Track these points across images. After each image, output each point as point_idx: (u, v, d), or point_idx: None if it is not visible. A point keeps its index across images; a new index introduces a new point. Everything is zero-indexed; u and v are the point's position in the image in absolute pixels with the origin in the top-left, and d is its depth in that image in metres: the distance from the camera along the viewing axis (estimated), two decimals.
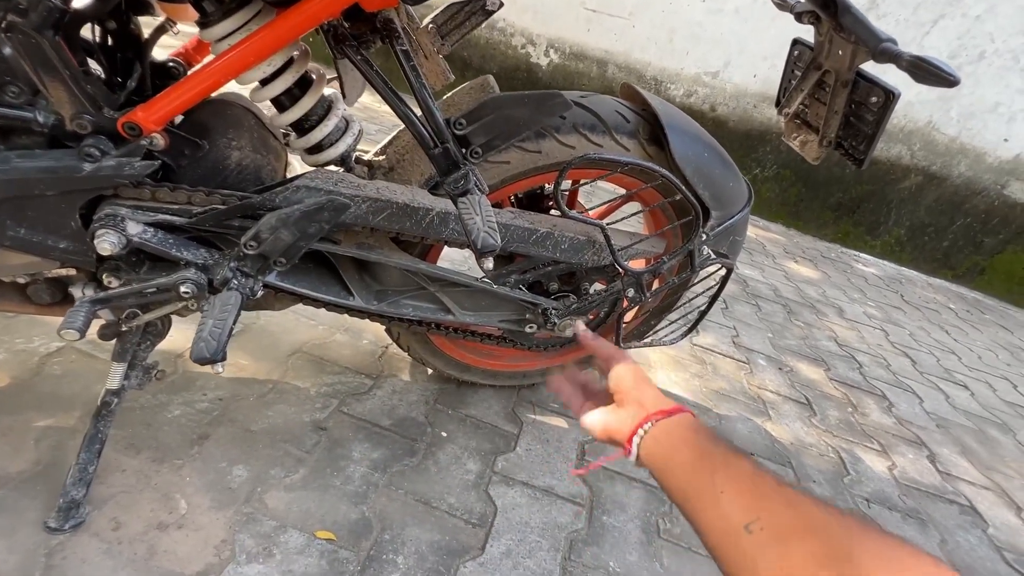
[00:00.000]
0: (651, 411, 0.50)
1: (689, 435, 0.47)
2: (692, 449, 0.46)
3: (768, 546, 0.35)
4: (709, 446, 0.45)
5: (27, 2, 0.46)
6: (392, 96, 0.58)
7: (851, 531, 0.34)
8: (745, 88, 3.12)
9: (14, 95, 0.51)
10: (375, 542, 0.78)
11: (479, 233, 0.53)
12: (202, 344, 0.54)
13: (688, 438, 0.47)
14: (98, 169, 0.55)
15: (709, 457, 0.44)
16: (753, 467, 0.42)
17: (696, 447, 0.46)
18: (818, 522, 0.35)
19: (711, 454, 0.44)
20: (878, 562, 0.31)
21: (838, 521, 0.35)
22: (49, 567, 0.64)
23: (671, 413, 0.50)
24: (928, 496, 1.25)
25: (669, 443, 0.48)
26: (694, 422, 0.49)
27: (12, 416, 0.80)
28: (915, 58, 0.61)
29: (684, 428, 0.48)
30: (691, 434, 0.47)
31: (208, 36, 0.58)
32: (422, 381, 1.13)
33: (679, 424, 0.49)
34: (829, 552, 0.33)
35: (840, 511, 0.36)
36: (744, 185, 0.91)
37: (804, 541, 0.34)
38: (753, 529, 0.36)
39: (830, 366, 1.73)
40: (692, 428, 0.48)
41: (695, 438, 0.47)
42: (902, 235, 3.23)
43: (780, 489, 0.39)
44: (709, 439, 0.46)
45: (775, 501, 0.37)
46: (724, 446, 0.45)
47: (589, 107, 0.77)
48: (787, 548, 0.34)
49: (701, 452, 0.45)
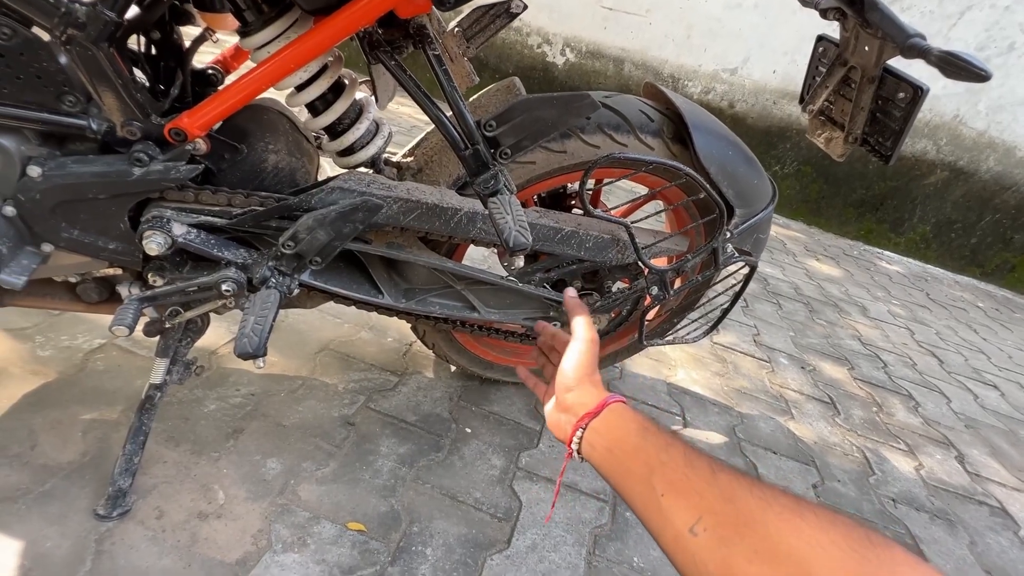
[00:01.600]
0: (579, 415, 0.50)
1: (620, 432, 0.47)
2: (625, 448, 0.45)
3: (713, 548, 0.36)
4: (640, 441, 0.45)
5: (85, 16, 0.49)
6: (425, 99, 0.59)
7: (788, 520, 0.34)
8: (764, 84, 3.09)
9: (71, 104, 0.54)
10: (404, 534, 0.80)
11: (511, 232, 0.55)
12: (245, 340, 0.56)
13: (620, 436, 0.47)
14: (147, 173, 0.58)
15: (643, 455, 0.43)
16: (685, 458, 0.41)
17: (628, 445, 0.45)
18: (755, 514, 0.35)
19: (643, 451, 0.44)
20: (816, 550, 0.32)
21: (775, 511, 0.35)
22: (99, 552, 0.67)
23: (597, 412, 0.49)
24: (957, 497, 1.23)
25: (604, 445, 0.47)
26: (623, 413, 0.49)
27: (60, 410, 0.84)
28: (945, 53, 0.61)
29: (614, 426, 0.48)
30: (622, 431, 0.47)
31: (248, 44, 0.61)
32: (446, 378, 1.15)
33: (607, 422, 0.48)
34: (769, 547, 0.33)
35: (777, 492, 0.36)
36: (768, 183, 0.91)
37: (744, 538, 0.34)
38: (697, 531, 0.36)
39: (854, 365, 1.71)
40: (622, 423, 0.48)
41: (626, 436, 0.46)
42: (928, 232, 3.16)
43: (715, 480, 0.38)
44: (639, 432, 0.46)
45: (712, 497, 0.38)
46: (655, 437, 0.45)
47: (614, 107, 0.78)
48: (730, 548, 0.35)
49: (634, 450, 0.44)
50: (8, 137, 0.55)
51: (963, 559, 1.07)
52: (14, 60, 0.50)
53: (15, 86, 0.52)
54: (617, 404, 0.50)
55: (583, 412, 0.50)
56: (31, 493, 0.71)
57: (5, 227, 0.58)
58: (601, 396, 0.51)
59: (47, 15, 0.48)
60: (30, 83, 0.52)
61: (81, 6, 0.48)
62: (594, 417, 0.49)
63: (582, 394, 0.52)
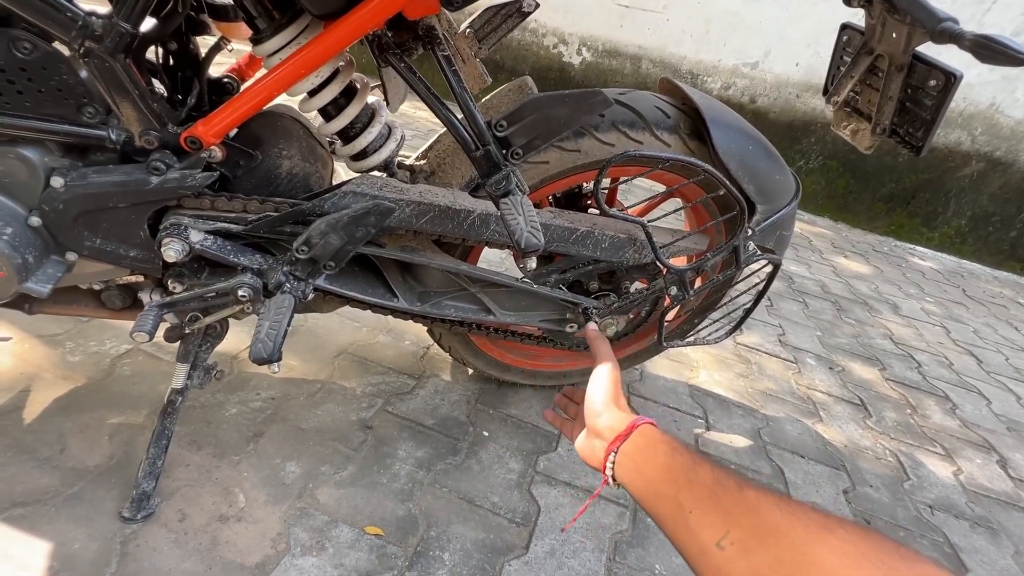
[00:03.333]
0: (609, 440, 0.51)
1: (649, 453, 0.48)
2: (654, 469, 0.47)
3: (738, 560, 0.36)
4: (669, 461, 0.46)
5: (102, 28, 0.50)
6: (435, 101, 0.59)
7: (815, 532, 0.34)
8: (787, 78, 3.01)
9: (91, 115, 0.56)
10: (422, 539, 0.80)
11: (522, 233, 0.54)
12: (259, 345, 0.57)
13: (649, 457, 0.48)
14: (164, 182, 0.59)
15: (671, 475, 0.45)
16: (713, 476, 0.42)
17: (657, 466, 0.47)
18: (781, 526, 0.35)
19: (672, 471, 0.45)
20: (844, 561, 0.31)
21: (802, 523, 0.35)
22: (124, 554, 0.69)
23: (627, 434, 0.50)
24: (999, 504, 1.17)
25: (634, 467, 0.49)
26: (652, 435, 0.50)
27: (88, 414, 0.86)
28: (979, 37, 0.58)
29: (643, 447, 0.49)
30: (651, 452, 0.48)
31: (260, 52, 0.61)
32: (463, 381, 1.14)
33: (637, 444, 0.50)
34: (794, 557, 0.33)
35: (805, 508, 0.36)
36: (791, 177, 0.88)
37: (769, 549, 0.35)
38: (723, 545, 0.37)
39: (885, 365, 1.64)
40: (651, 444, 0.49)
41: (655, 456, 0.47)
42: (963, 226, 3.03)
43: (742, 496, 0.39)
44: (668, 453, 0.47)
45: (738, 512, 0.38)
46: (683, 457, 0.46)
47: (628, 104, 0.76)
48: (756, 559, 0.35)
49: (664, 471, 0.46)
50: (32, 149, 0.56)
51: (1007, 570, 1.01)
52: (36, 74, 0.52)
53: (37, 99, 0.53)
54: (646, 426, 0.51)
55: (613, 436, 0.51)
56: (60, 495, 0.73)
57: (31, 237, 0.59)
58: (629, 419, 0.52)
59: (65, 28, 0.49)
60: (51, 96, 0.53)
61: (97, 19, 0.49)
62: (624, 440, 0.50)
63: (611, 418, 0.53)
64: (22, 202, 0.58)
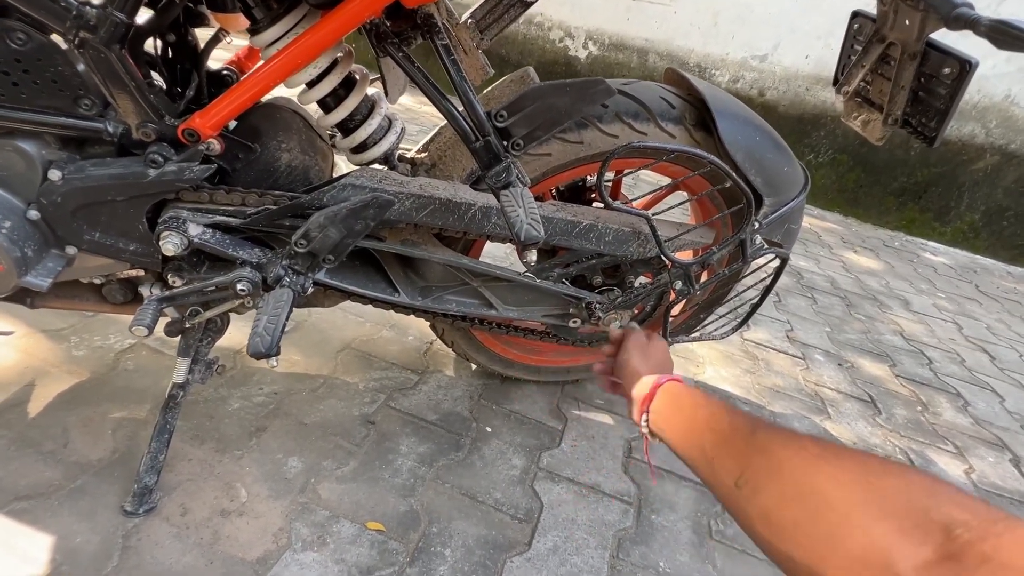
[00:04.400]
0: (639, 403, 0.58)
1: (673, 409, 0.54)
2: (680, 422, 0.52)
3: (751, 497, 0.40)
4: (692, 414, 0.51)
5: (96, 19, 0.49)
6: (433, 91, 0.58)
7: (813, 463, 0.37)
8: (796, 70, 2.97)
9: (87, 107, 0.55)
10: (423, 534, 0.79)
11: (522, 225, 0.53)
12: (257, 339, 0.56)
13: (673, 413, 0.54)
14: (161, 174, 0.58)
15: (695, 427, 0.49)
16: (730, 422, 0.46)
17: (683, 420, 0.52)
18: (784, 462, 0.39)
19: (696, 422, 0.50)
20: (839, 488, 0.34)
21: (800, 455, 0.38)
22: (126, 548, 0.69)
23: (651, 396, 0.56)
24: (1013, 503, 1.15)
25: (663, 425, 0.55)
26: (676, 391, 0.55)
27: (91, 408, 0.86)
28: (995, 22, 0.56)
29: (668, 404, 0.55)
30: (674, 408, 0.54)
31: (258, 42, 0.61)
32: (466, 377, 1.13)
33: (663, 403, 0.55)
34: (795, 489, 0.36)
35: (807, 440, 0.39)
36: (799, 170, 0.86)
37: (775, 484, 0.38)
38: (740, 484, 0.41)
39: (896, 362, 1.62)
40: (674, 401, 0.55)
41: (679, 411, 0.53)
42: (976, 221, 2.98)
43: (754, 437, 0.42)
44: (691, 407, 0.52)
45: (750, 452, 0.42)
46: (704, 409, 0.50)
47: (632, 94, 0.75)
48: (764, 495, 0.38)
49: (689, 423, 0.51)
50: (29, 142, 0.56)
51: None
52: (31, 65, 0.51)
53: (33, 91, 0.53)
54: (670, 384, 0.57)
55: (641, 399, 0.58)
56: (63, 489, 0.74)
57: (30, 231, 0.59)
58: (652, 380, 0.58)
59: (59, 19, 0.49)
60: (47, 88, 0.53)
61: (92, 8, 0.49)
62: (650, 402, 0.56)
63: (640, 385, 0.60)
64: (20, 196, 0.58)
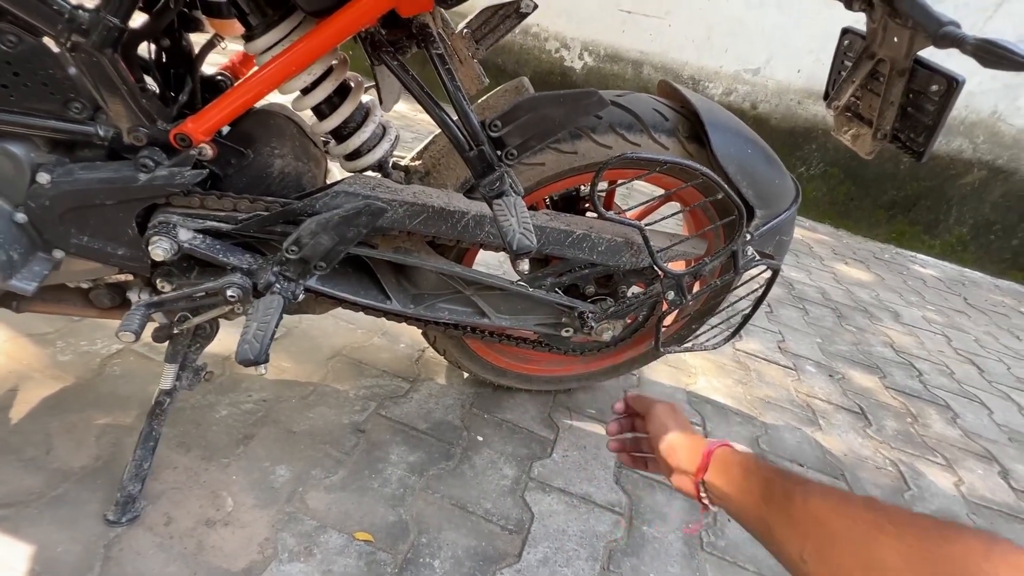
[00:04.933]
0: (692, 471, 0.56)
1: (726, 478, 0.52)
2: (736, 492, 0.51)
3: (818, 570, 0.40)
4: (745, 484, 0.50)
5: (89, 22, 0.49)
6: (427, 100, 0.58)
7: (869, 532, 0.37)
8: (788, 84, 3.01)
9: (77, 111, 0.55)
10: (412, 545, 0.78)
11: (514, 235, 0.53)
12: (246, 346, 0.55)
13: (728, 482, 0.52)
14: (152, 179, 0.58)
15: (751, 497, 0.49)
16: (784, 490, 0.46)
17: (738, 489, 0.51)
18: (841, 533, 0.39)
19: (751, 492, 0.49)
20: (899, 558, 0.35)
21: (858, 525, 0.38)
22: (107, 558, 0.67)
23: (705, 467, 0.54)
24: (1002, 516, 1.16)
25: (720, 495, 0.53)
26: (727, 459, 0.54)
27: (76, 413, 0.85)
28: (982, 41, 0.57)
29: (721, 473, 0.53)
30: (727, 477, 0.52)
31: (253, 49, 0.61)
32: (458, 385, 1.13)
33: (716, 472, 0.54)
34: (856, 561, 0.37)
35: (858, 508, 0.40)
36: (790, 182, 0.87)
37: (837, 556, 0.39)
38: (805, 558, 0.41)
39: (886, 373, 1.63)
40: (727, 469, 0.53)
41: (733, 480, 0.52)
42: (964, 234, 3.02)
43: (807, 507, 0.43)
44: (743, 475, 0.51)
45: (807, 523, 0.42)
46: (756, 476, 0.50)
47: (626, 106, 0.75)
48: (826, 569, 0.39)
49: (744, 493, 0.50)
50: (18, 144, 0.55)
51: None
52: (21, 67, 0.51)
53: (22, 93, 0.52)
54: (720, 450, 0.55)
55: (694, 469, 0.55)
56: (44, 497, 0.72)
57: (17, 234, 0.58)
58: (703, 448, 0.56)
59: (51, 22, 0.48)
60: (37, 90, 0.52)
61: (85, 12, 0.49)
62: (704, 472, 0.55)
63: (686, 454, 0.57)
64: (7, 198, 0.57)
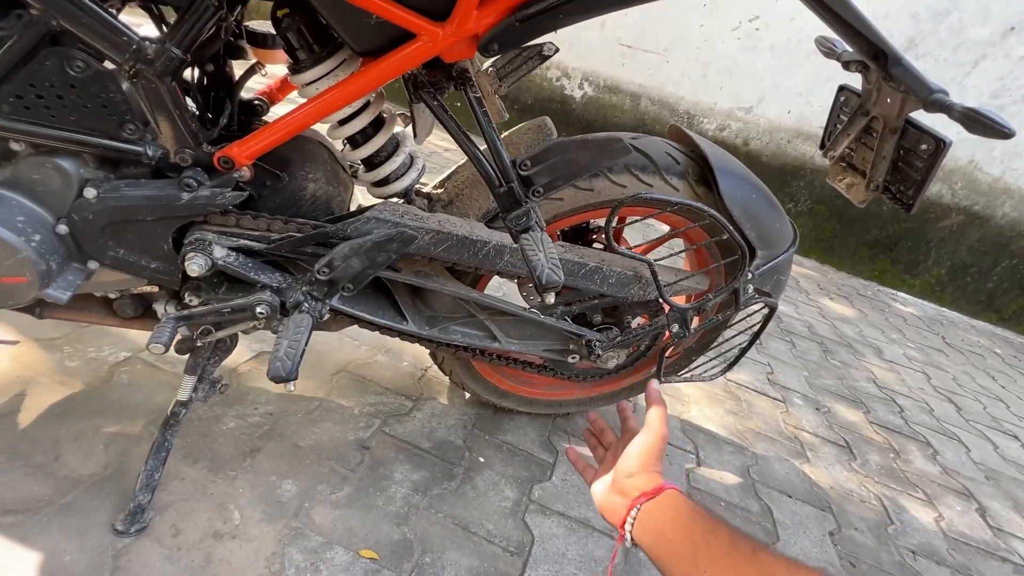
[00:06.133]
0: (633, 497, 0.54)
1: (671, 514, 0.51)
2: (674, 529, 0.49)
3: None
4: (689, 523, 0.49)
5: (154, 53, 0.52)
6: (464, 138, 0.62)
7: None
8: (779, 123, 3.13)
9: (130, 131, 0.57)
10: (416, 564, 0.79)
11: (543, 269, 0.56)
12: (278, 363, 0.58)
13: (671, 518, 0.50)
14: (195, 198, 0.61)
15: (691, 536, 0.47)
16: (730, 539, 0.45)
17: (678, 527, 0.49)
18: None
19: (692, 532, 0.48)
20: None
21: None
22: (116, 569, 0.67)
23: (654, 494, 0.53)
24: (979, 552, 1.20)
25: (655, 527, 0.51)
26: (677, 499, 0.52)
27: (84, 421, 0.85)
28: (968, 109, 0.63)
29: (666, 507, 0.51)
30: (672, 513, 0.51)
31: (298, 80, 0.64)
32: (460, 405, 1.15)
33: (660, 504, 0.52)
34: None
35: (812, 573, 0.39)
36: (789, 226, 0.92)
37: None
38: None
39: (869, 408, 1.68)
40: (673, 505, 0.51)
41: (676, 517, 0.50)
42: (943, 275, 3.14)
43: (756, 560, 0.42)
44: (689, 515, 0.50)
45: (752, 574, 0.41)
46: (703, 520, 0.49)
47: (641, 148, 0.80)
48: None
49: (684, 531, 0.48)
50: (69, 160, 0.58)
51: None
52: (84, 91, 0.54)
53: (82, 114, 0.55)
54: (673, 491, 0.53)
55: (638, 494, 0.54)
56: (53, 504, 0.72)
57: (56, 244, 0.60)
58: (659, 481, 0.55)
59: (120, 51, 0.51)
60: (96, 112, 0.55)
61: (151, 44, 0.52)
62: (650, 499, 0.52)
63: (641, 479, 0.55)
64: (52, 210, 0.59)
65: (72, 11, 0.48)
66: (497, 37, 0.54)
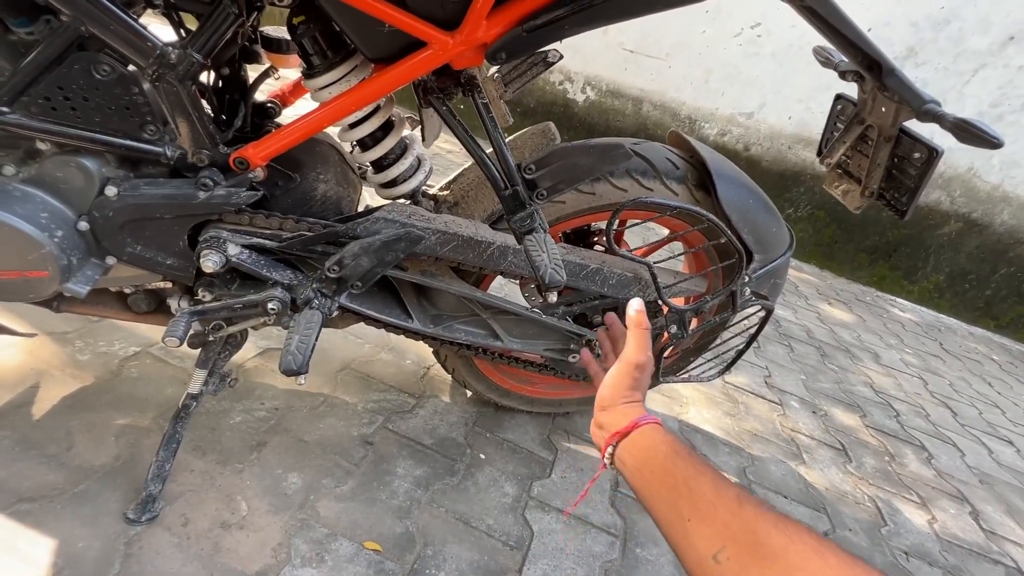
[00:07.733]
0: (610, 433, 0.53)
1: (649, 454, 0.49)
2: (653, 471, 0.47)
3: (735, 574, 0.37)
4: (669, 465, 0.47)
5: (176, 58, 0.54)
6: (471, 142, 0.64)
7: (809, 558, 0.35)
8: (780, 129, 3.16)
9: (151, 132, 0.60)
10: (418, 556, 0.81)
11: (547, 269, 0.58)
12: (290, 357, 0.60)
13: (649, 458, 0.49)
14: (211, 197, 0.63)
15: (672, 480, 0.45)
16: (714, 487, 0.43)
17: (657, 469, 0.47)
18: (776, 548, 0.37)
19: (672, 475, 0.46)
20: None
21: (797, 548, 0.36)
22: (128, 556, 0.70)
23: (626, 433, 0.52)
24: (971, 554, 1.22)
25: (634, 464, 0.50)
26: (655, 435, 0.51)
27: (95, 413, 0.87)
28: (959, 120, 0.65)
29: (644, 447, 0.50)
30: (651, 452, 0.49)
31: (312, 85, 0.66)
32: (461, 403, 1.17)
33: (637, 443, 0.51)
34: None
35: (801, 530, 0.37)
36: (786, 230, 0.94)
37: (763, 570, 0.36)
38: (720, 559, 0.38)
39: (866, 412, 1.70)
40: (652, 445, 0.50)
41: (655, 457, 0.48)
42: (941, 281, 3.16)
43: (741, 511, 0.40)
44: (669, 456, 0.48)
45: (736, 528, 0.39)
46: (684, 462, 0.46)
47: (642, 154, 0.82)
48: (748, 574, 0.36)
49: (664, 474, 0.46)
50: (92, 159, 0.60)
51: None
52: (108, 93, 0.56)
53: (106, 115, 0.57)
54: (649, 426, 0.52)
55: (613, 431, 0.53)
56: (66, 493, 0.74)
57: (77, 240, 0.63)
58: (633, 417, 0.53)
59: (144, 55, 0.54)
60: (119, 113, 0.57)
61: (174, 49, 0.54)
62: (623, 438, 0.52)
63: (614, 414, 0.54)
64: (74, 207, 0.61)
65: (102, 18, 0.51)
66: (505, 46, 0.56)
